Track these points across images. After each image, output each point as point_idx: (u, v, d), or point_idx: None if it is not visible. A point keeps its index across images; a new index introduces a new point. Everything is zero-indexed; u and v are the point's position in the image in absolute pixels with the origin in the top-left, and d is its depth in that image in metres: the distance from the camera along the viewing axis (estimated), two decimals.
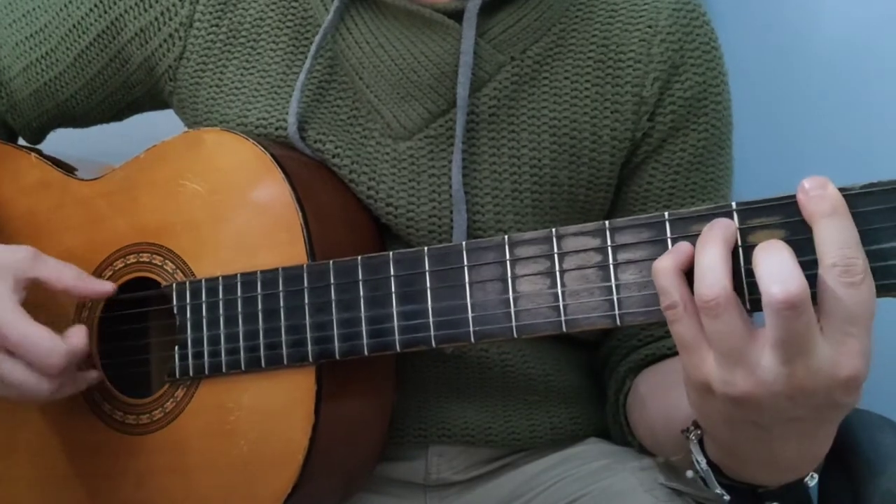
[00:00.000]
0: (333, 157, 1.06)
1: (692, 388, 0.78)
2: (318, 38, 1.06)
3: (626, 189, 1.10)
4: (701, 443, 0.86)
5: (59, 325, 0.99)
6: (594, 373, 1.17)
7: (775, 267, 0.69)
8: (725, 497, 0.86)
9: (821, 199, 0.71)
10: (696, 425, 0.86)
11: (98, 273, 1.07)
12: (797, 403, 0.73)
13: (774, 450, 0.80)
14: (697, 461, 0.86)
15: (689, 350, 0.75)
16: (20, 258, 0.98)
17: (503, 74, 1.05)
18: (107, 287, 1.02)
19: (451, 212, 1.04)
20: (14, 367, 0.95)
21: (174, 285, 1.01)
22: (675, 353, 0.96)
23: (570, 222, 1.00)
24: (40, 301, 1.00)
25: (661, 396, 1.03)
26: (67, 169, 1.13)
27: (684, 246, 0.76)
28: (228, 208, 1.00)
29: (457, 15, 1.04)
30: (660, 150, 1.09)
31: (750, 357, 0.72)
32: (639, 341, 1.10)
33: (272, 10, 1.11)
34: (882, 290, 0.71)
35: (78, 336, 0.97)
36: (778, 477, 0.85)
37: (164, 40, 1.12)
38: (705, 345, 0.74)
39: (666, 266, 0.75)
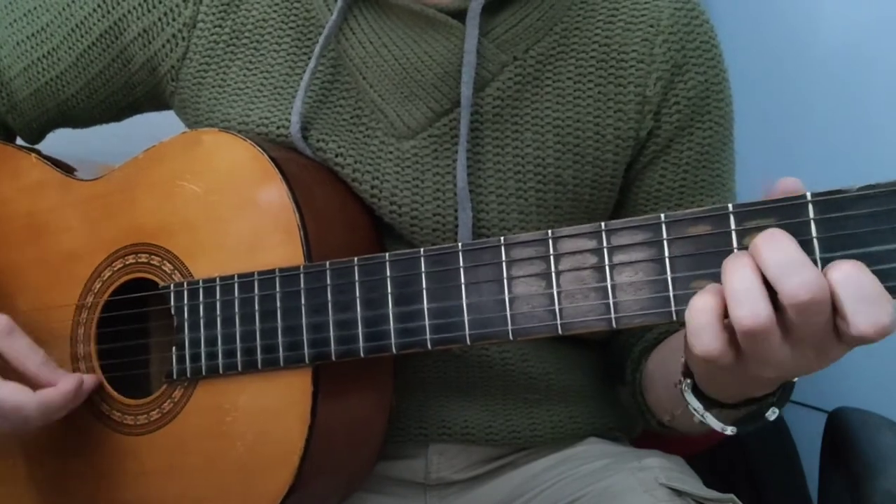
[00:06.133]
0: (336, 156, 1.06)
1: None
2: (322, 38, 1.06)
3: (636, 190, 1.10)
4: (693, 389, 0.87)
5: (58, 331, 1.02)
6: (595, 372, 1.17)
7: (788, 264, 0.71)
8: (731, 432, 0.86)
9: None
10: (685, 374, 0.86)
11: (97, 274, 1.07)
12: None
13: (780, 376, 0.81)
14: (696, 409, 0.86)
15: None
16: None
17: (506, 74, 1.05)
18: (67, 385, 1.00)
19: (456, 210, 1.04)
20: None
21: (172, 286, 1.01)
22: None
23: (574, 221, 1.01)
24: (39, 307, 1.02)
25: (663, 370, 1.04)
26: (67, 169, 1.14)
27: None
28: (226, 209, 1.00)
29: (460, 15, 1.04)
30: (667, 150, 1.09)
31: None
32: None
33: (275, 12, 1.11)
34: None
35: (61, 387, 1.00)
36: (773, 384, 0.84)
37: (167, 41, 1.12)
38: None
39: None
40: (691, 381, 0.86)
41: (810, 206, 0.73)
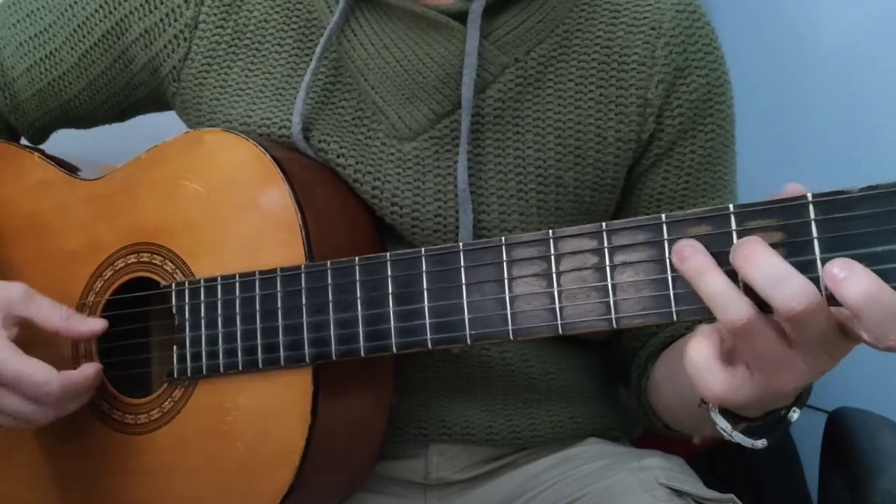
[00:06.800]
0: (338, 157, 1.06)
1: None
2: (323, 39, 1.06)
3: (637, 192, 1.11)
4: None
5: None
6: (596, 372, 1.17)
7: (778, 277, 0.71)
8: (762, 445, 0.85)
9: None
10: None
11: (99, 273, 1.07)
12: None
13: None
14: (724, 430, 0.85)
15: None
16: (11, 296, 1.00)
17: (507, 76, 1.06)
18: (95, 326, 1.02)
19: (457, 211, 1.04)
20: (12, 400, 0.97)
21: (173, 285, 1.01)
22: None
23: (575, 223, 1.00)
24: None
25: (670, 378, 1.04)
26: (70, 169, 1.14)
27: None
28: (228, 209, 1.00)
29: (461, 17, 1.04)
30: (670, 153, 1.09)
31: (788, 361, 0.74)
32: (657, 326, 1.10)
33: (277, 13, 1.11)
34: None
35: (84, 370, 1.00)
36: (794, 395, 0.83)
37: (169, 41, 1.13)
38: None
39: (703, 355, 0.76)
40: None
41: (811, 207, 0.73)
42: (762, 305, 0.73)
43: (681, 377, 0.94)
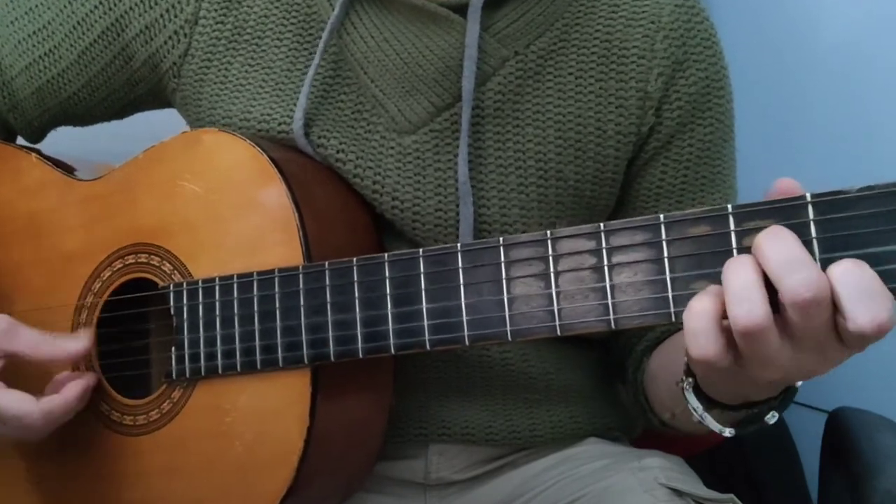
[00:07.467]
0: (338, 152, 1.06)
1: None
2: (325, 33, 1.06)
3: (637, 186, 1.10)
4: (695, 389, 0.86)
5: (58, 331, 1.02)
6: (595, 372, 1.17)
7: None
8: (729, 433, 0.85)
9: None
10: (687, 374, 0.86)
11: (97, 274, 1.07)
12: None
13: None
14: (695, 409, 0.85)
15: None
16: None
17: (507, 69, 1.05)
18: (82, 343, 1.01)
19: (457, 205, 1.04)
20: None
21: (171, 286, 1.01)
22: None
23: (575, 217, 1.01)
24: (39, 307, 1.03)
25: (665, 370, 1.04)
26: (67, 169, 1.14)
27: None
28: (226, 209, 1.00)
29: (461, 9, 1.04)
30: (668, 147, 1.09)
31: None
32: None
33: (276, 8, 1.11)
34: None
35: (66, 392, 1.00)
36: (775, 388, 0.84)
37: (169, 37, 1.12)
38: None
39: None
40: (693, 380, 0.85)
41: (810, 207, 0.73)
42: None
43: (673, 362, 0.94)
